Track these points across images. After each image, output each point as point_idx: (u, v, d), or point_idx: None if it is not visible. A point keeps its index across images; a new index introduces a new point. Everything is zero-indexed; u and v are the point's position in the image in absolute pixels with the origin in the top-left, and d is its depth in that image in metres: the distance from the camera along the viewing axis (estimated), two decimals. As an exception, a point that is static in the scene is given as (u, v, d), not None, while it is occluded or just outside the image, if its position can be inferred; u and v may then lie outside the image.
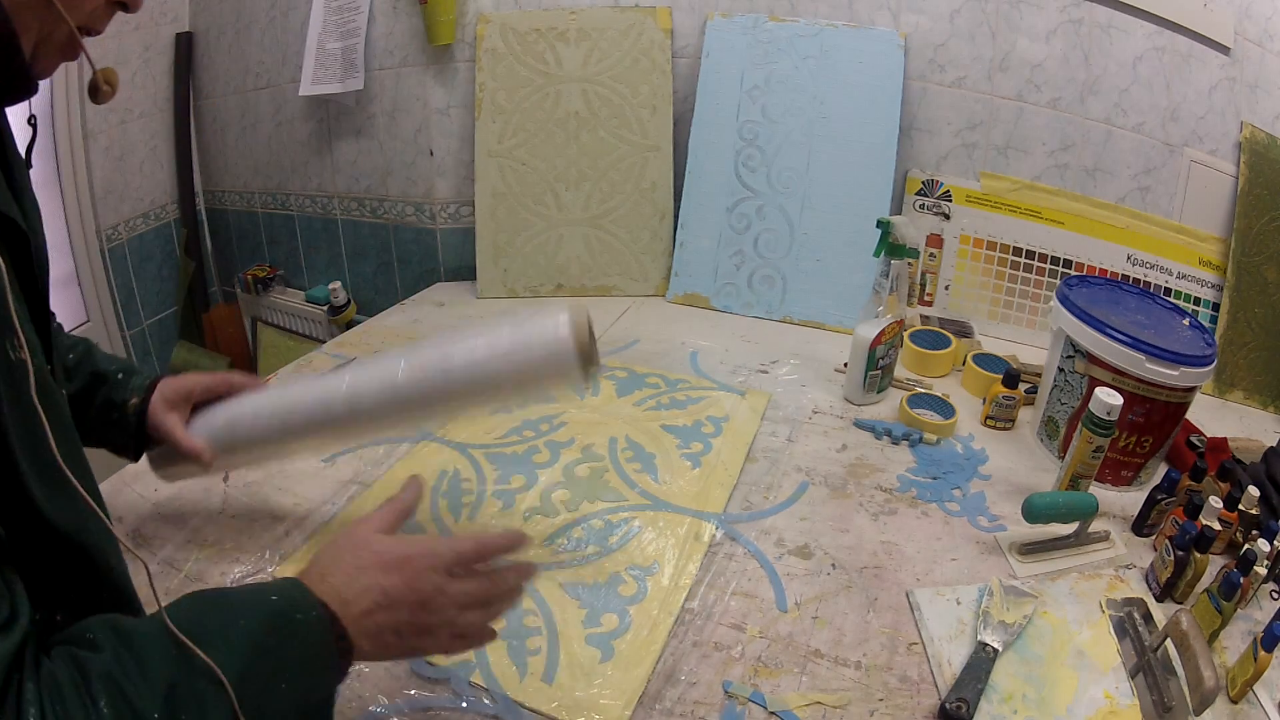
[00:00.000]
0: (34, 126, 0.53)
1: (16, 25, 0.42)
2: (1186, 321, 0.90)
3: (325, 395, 0.64)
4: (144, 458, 0.71)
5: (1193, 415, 0.91)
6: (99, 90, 0.54)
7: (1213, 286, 1.16)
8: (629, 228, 1.35)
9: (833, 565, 0.74)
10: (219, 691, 0.38)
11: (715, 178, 1.30)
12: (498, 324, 0.59)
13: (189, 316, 1.74)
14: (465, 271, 1.44)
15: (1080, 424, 0.78)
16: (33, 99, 0.46)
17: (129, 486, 0.81)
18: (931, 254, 1.30)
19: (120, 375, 0.69)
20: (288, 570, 0.70)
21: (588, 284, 1.36)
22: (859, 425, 0.97)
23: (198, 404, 0.70)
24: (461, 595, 0.48)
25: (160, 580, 0.70)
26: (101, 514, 0.44)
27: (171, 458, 0.69)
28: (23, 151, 0.50)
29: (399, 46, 1.35)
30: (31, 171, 0.51)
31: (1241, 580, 0.63)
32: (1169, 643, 0.61)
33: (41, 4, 0.43)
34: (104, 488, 0.73)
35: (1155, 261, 1.18)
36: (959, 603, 0.69)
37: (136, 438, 0.68)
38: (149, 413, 0.68)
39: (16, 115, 0.48)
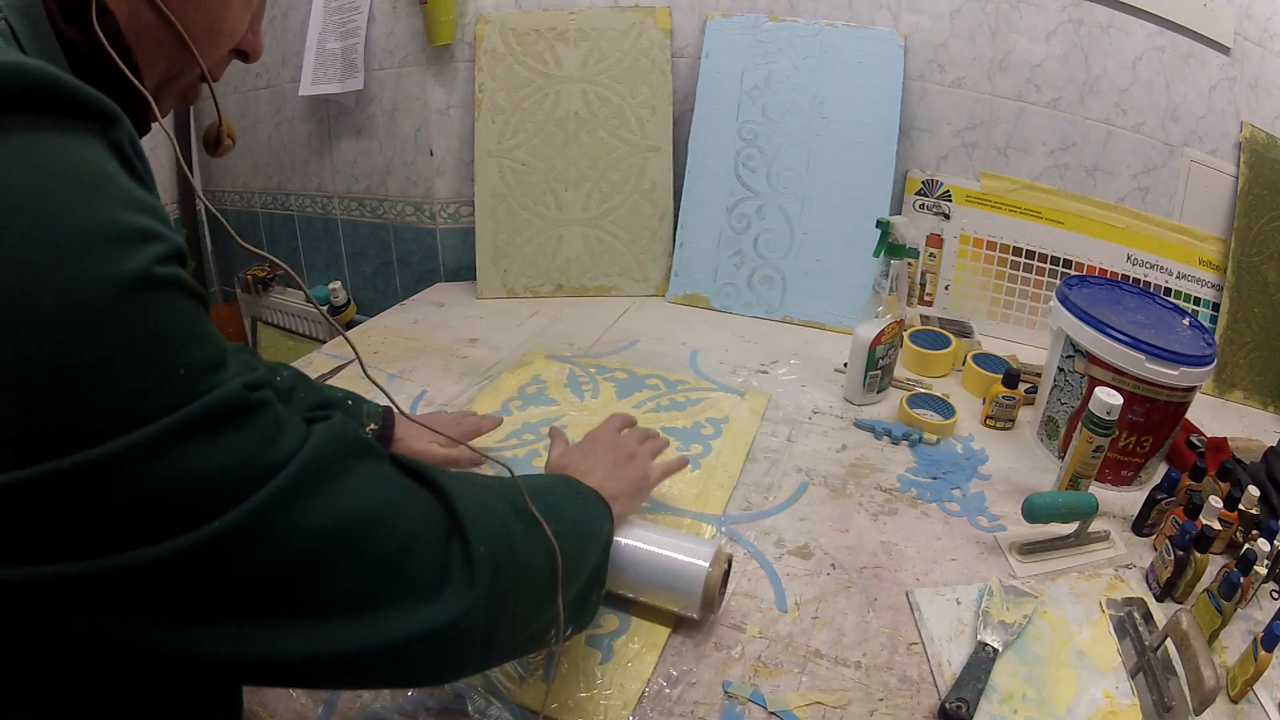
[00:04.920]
0: None
1: (141, 61, 0.42)
2: (1186, 321, 0.90)
3: None
4: None
5: (1193, 415, 0.91)
6: (219, 144, 0.52)
7: (1213, 286, 1.16)
8: (629, 228, 1.35)
9: (833, 565, 0.74)
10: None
11: (715, 178, 1.30)
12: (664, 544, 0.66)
13: (189, 317, 1.74)
14: (465, 271, 1.44)
15: (1080, 424, 0.78)
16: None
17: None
18: (931, 254, 1.30)
19: (350, 402, 0.74)
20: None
21: (587, 284, 1.36)
22: (859, 425, 0.97)
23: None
24: (634, 435, 0.74)
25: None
26: None
27: None
28: None
29: (399, 46, 1.35)
30: None
31: (1241, 580, 0.63)
32: (1169, 642, 0.61)
33: (175, 44, 0.42)
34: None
35: (1155, 261, 1.18)
36: (959, 603, 0.69)
37: None
38: (404, 440, 0.76)
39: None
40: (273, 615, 0.33)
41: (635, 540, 0.66)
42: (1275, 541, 0.70)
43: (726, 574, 0.66)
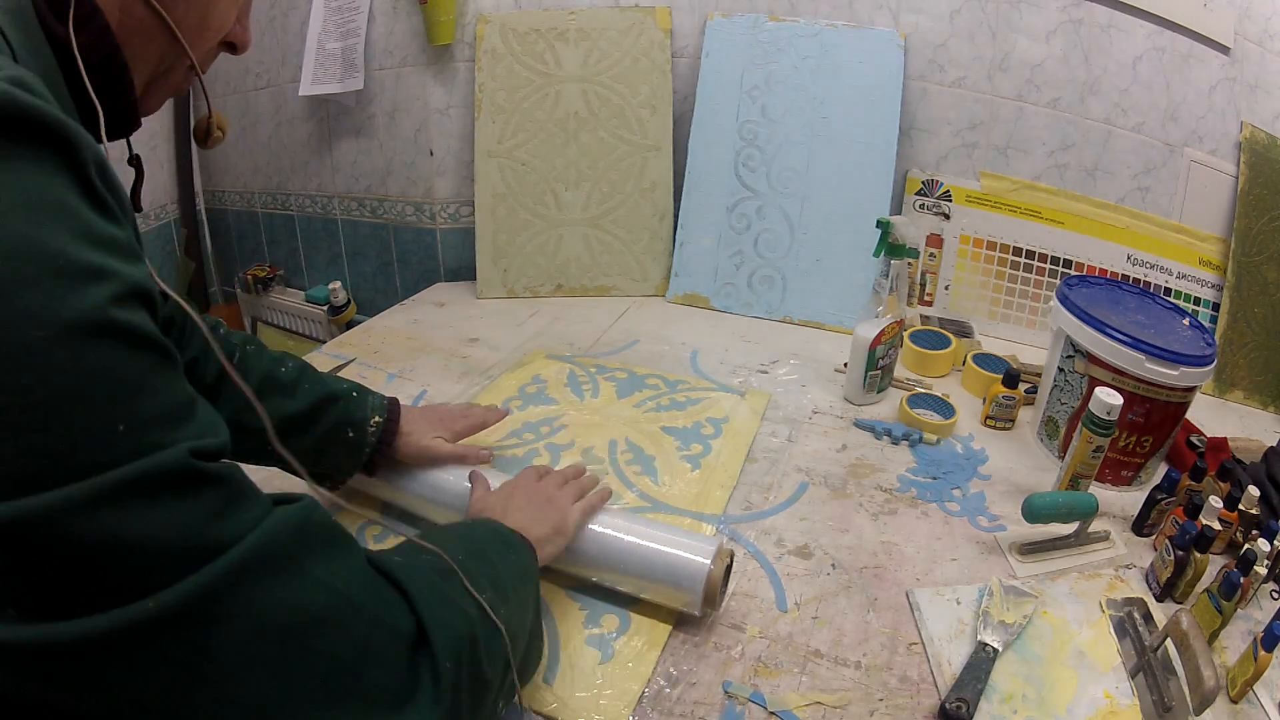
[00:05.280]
0: (138, 168, 0.49)
1: (131, 59, 0.42)
2: (1186, 321, 0.90)
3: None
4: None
5: (1193, 415, 0.91)
6: (210, 135, 0.52)
7: (1213, 286, 1.16)
8: (629, 228, 1.35)
9: (833, 565, 0.74)
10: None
11: (715, 178, 1.30)
12: (658, 539, 0.67)
13: (189, 317, 1.74)
14: (465, 271, 1.44)
15: (1080, 424, 0.78)
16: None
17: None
18: (931, 254, 1.30)
19: (355, 394, 0.72)
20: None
21: (588, 284, 1.36)
22: (859, 425, 0.97)
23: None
24: (552, 480, 0.69)
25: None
26: None
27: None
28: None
29: (399, 46, 1.35)
30: None
31: (1241, 580, 0.63)
32: (1169, 643, 0.61)
33: (165, 37, 0.42)
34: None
35: (1155, 261, 1.18)
36: (959, 603, 0.69)
37: (370, 456, 0.71)
38: (410, 435, 0.73)
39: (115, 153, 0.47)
40: (208, 707, 0.31)
41: (637, 537, 0.66)
42: (1275, 541, 0.70)
43: (728, 571, 0.66)
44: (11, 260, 0.28)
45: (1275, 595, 0.71)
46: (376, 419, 0.71)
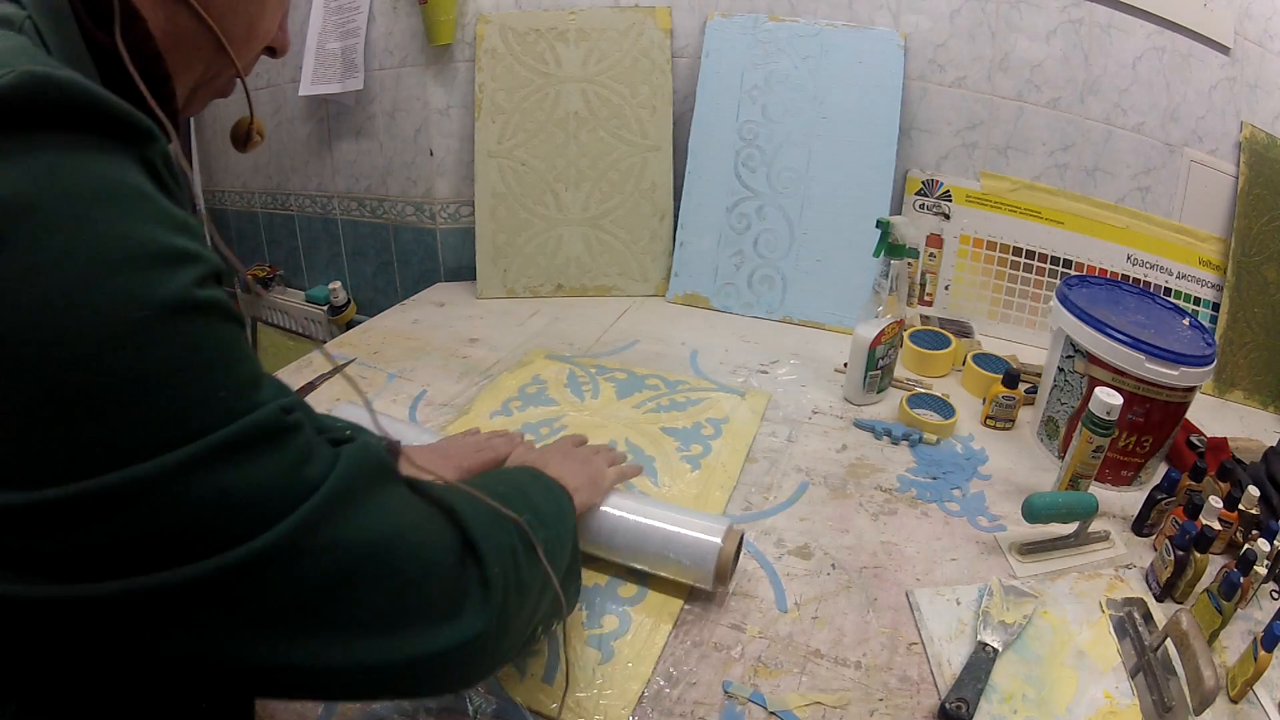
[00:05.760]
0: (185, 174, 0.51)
1: (176, 66, 0.42)
2: (1186, 321, 0.90)
3: None
4: None
5: (1193, 415, 0.91)
6: (249, 140, 0.53)
7: (1213, 286, 1.16)
8: (629, 228, 1.35)
9: (832, 565, 0.74)
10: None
11: (715, 178, 1.30)
12: (673, 520, 0.69)
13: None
14: (465, 271, 1.44)
15: (1080, 424, 0.78)
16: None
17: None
18: (931, 254, 1.30)
19: (348, 432, 0.68)
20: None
21: (587, 284, 1.36)
22: (859, 425, 0.97)
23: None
24: (587, 448, 0.75)
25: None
26: None
27: None
28: None
29: (399, 46, 1.35)
30: None
31: (1241, 580, 0.63)
32: (1169, 643, 0.61)
33: (212, 47, 0.43)
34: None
35: (1155, 261, 1.18)
36: (959, 603, 0.69)
37: None
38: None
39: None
40: (308, 629, 0.34)
41: (651, 518, 0.68)
42: (1275, 541, 0.70)
43: (738, 549, 0.69)
44: (105, 246, 0.30)
45: (1275, 595, 0.71)
46: None
